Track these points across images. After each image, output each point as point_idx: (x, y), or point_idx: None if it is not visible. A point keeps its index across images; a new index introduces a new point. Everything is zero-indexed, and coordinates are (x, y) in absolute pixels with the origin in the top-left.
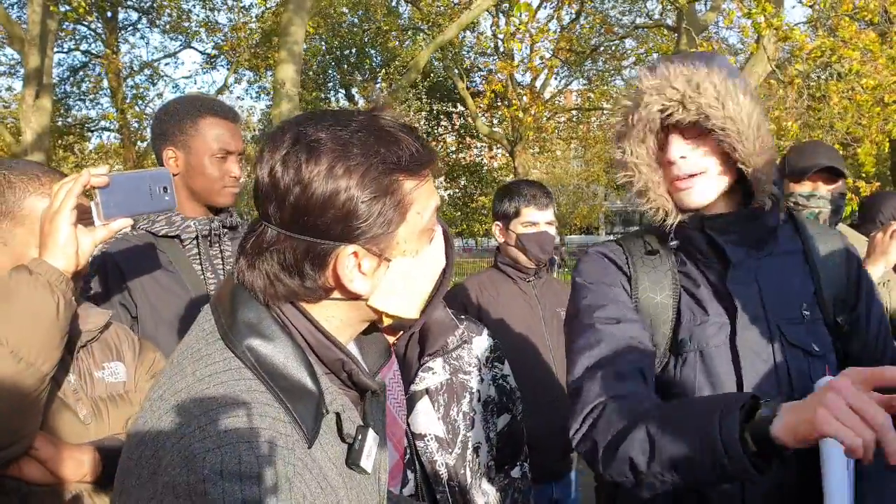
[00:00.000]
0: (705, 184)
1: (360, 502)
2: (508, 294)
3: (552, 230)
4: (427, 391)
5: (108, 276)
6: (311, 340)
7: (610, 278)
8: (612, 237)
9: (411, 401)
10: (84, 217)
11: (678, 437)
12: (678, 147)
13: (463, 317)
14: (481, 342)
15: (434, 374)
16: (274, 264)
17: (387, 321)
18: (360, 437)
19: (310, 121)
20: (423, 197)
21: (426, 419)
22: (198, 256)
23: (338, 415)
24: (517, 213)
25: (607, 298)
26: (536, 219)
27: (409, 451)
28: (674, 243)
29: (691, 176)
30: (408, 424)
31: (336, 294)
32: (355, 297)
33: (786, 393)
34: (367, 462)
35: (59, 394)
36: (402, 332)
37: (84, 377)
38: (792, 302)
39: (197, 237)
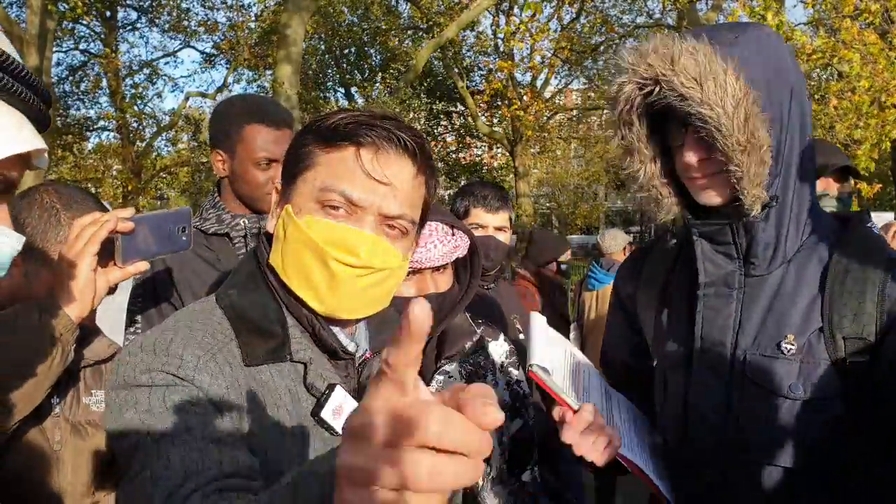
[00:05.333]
0: (722, 182)
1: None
2: None
3: (503, 236)
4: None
5: (156, 276)
6: (282, 296)
7: None
8: None
9: None
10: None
11: None
12: (692, 146)
13: (480, 321)
14: (497, 347)
15: (450, 378)
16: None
17: None
18: (327, 392)
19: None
20: (331, 164)
21: None
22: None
23: (305, 365)
24: (466, 213)
25: None
26: (485, 221)
27: None
28: (672, 242)
29: (712, 174)
30: None
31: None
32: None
33: (730, 435)
34: (329, 416)
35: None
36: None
37: (70, 401)
38: (776, 332)
39: (246, 234)
